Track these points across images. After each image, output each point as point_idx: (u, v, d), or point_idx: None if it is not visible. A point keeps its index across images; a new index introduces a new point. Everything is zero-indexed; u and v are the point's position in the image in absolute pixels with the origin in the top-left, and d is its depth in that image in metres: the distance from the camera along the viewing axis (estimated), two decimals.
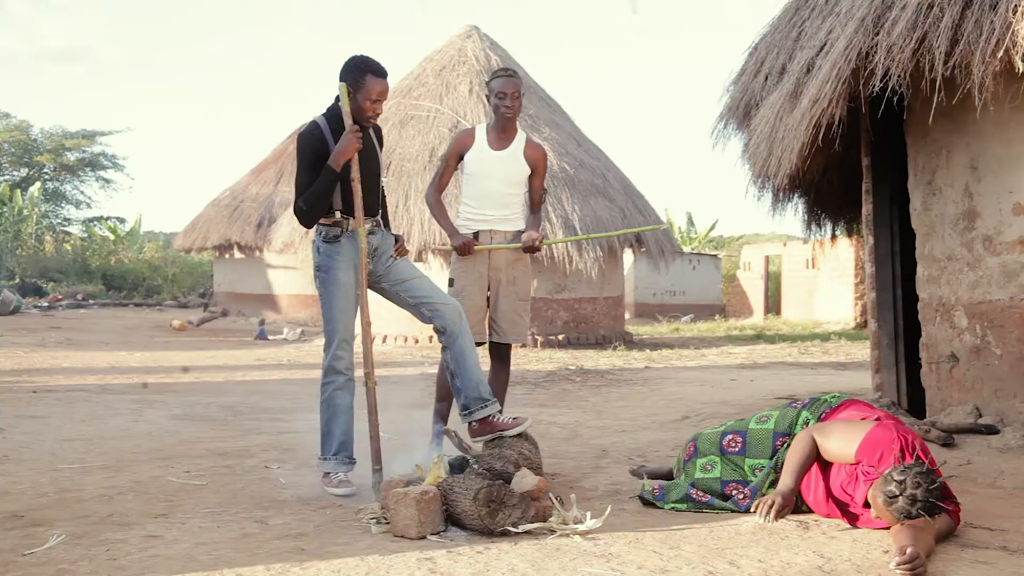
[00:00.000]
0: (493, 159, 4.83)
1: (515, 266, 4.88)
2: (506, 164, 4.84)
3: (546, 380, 9.52)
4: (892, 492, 3.16)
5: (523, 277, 4.94)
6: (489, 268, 4.83)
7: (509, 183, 4.86)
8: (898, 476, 3.18)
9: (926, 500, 3.13)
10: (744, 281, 26.14)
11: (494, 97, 4.82)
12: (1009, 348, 4.88)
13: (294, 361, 11.95)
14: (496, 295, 4.85)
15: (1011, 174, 4.85)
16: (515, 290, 4.89)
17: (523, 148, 4.87)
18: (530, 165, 4.87)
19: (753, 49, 6.77)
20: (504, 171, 4.83)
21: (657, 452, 5.25)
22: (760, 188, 6.89)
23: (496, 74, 4.89)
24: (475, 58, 15.26)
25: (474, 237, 4.83)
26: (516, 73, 4.94)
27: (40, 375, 9.55)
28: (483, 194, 4.84)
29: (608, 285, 15.11)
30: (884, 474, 3.25)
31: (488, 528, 3.35)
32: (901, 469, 3.21)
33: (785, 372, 10.55)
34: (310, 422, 6.28)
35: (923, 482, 3.14)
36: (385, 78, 4.25)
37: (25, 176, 32.89)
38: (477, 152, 4.86)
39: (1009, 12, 4.12)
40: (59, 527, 3.47)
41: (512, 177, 4.86)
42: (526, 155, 4.86)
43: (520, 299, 4.91)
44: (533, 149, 4.92)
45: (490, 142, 4.86)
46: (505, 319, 4.84)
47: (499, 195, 4.84)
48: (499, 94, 4.79)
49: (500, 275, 4.84)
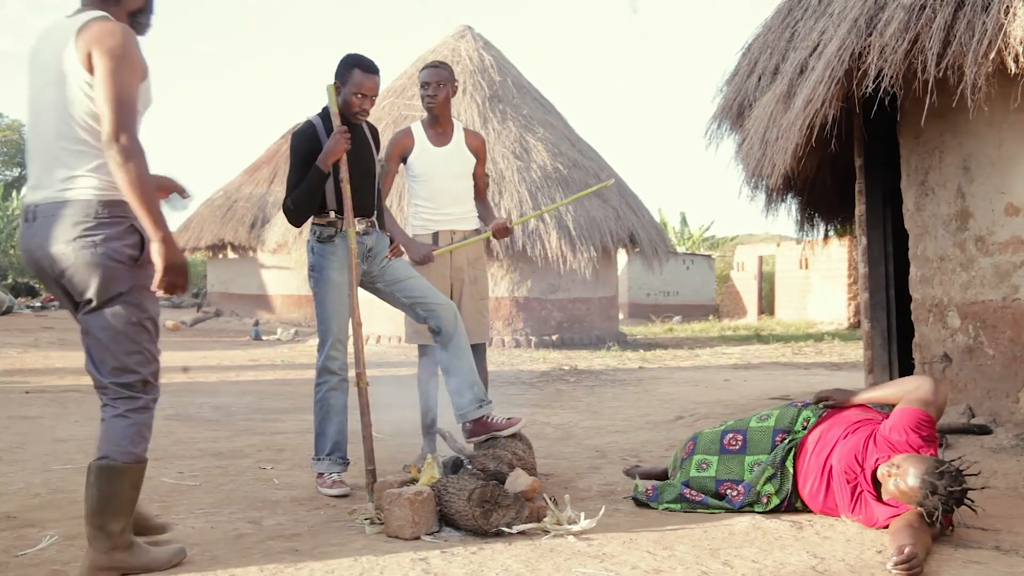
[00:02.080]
0: (439, 156, 4.80)
1: (475, 265, 4.88)
2: (453, 159, 4.82)
3: (540, 380, 9.53)
4: (933, 485, 3.18)
5: (482, 276, 4.93)
6: (451, 269, 4.81)
7: (460, 176, 4.86)
8: (941, 470, 3.21)
9: (960, 500, 3.21)
10: (738, 281, 26.20)
11: (420, 89, 4.82)
12: (1002, 348, 4.89)
13: (288, 361, 11.94)
14: (460, 296, 4.82)
15: (1003, 175, 4.86)
16: (476, 289, 4.88)
17: (464, 139, 4.87)
18: (473, 154, 4.88)
19: (746, 49, 6.78)
20: (452, 166, 4.82)
21: (651, 452, 5.25)
22: (753, 188, 6.90)
23: (423, 67, 4.89)
24: (468, 58, 15.26)
25: (434, 238, 4.81)
26: (444, 64, 4.87)
27: (33, 375, 9.54)
28: (436, 193, 4.81)
29: (602, 285, 15.13)
30: (928, 463, 3.25)
31: (482, 529, 3.35)
32: (945, 465, 3.24)
33: (779, 372, 10.57)
34: (304, 423, 6.28)
35: (961, 483, 3.20)
36: (373, 74, 4.25)
37: (18, 176, 32.82)
38: (421, 152, 4.82)
39: (1001, 13, 4.13)
40: (52, 528, 3.46)
41: (461, 170, 4.86)
42: (468, 145, 4.87)
43: (481, 298, 4.91)
44: (473, 138, 4.93)
45: (431, 139, 4.83)
46: (469, 319, 4.77)
47: (453, 191, 4.83)
48: (422, 84, 4.79)
49: (462, 275, 4.83)
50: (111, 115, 2.71)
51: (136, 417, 2.89)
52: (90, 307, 2.85)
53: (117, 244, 2.80)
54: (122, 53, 2.76)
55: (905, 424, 3.50)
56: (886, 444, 3.49)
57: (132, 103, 2.77)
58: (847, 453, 3.55)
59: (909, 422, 3.50)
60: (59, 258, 2.81)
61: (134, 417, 2.89)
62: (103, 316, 2.84)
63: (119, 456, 2.85)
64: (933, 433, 3.54)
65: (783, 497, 3.69)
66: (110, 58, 2.74)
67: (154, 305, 2.94)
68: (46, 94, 2.87)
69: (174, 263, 2.77)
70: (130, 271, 2.82)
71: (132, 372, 2.88)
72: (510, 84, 15.46)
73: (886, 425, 3.56)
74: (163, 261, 2.75)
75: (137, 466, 2.90)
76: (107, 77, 2.73)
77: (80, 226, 2.79)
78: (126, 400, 2.88)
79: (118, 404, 2.88)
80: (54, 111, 2.85)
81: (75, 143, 2.82)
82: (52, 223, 2.81)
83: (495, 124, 14.48)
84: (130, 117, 2.74)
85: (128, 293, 2.84)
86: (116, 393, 2.88)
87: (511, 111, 14.98)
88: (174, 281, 2.79)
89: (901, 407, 3.57)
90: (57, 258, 2.81)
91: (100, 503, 2.85)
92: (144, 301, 2.88)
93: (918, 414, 3.51)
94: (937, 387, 3.57)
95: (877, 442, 3.51)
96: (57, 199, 2.82)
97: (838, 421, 3.75)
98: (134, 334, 2.87)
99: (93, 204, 2.80)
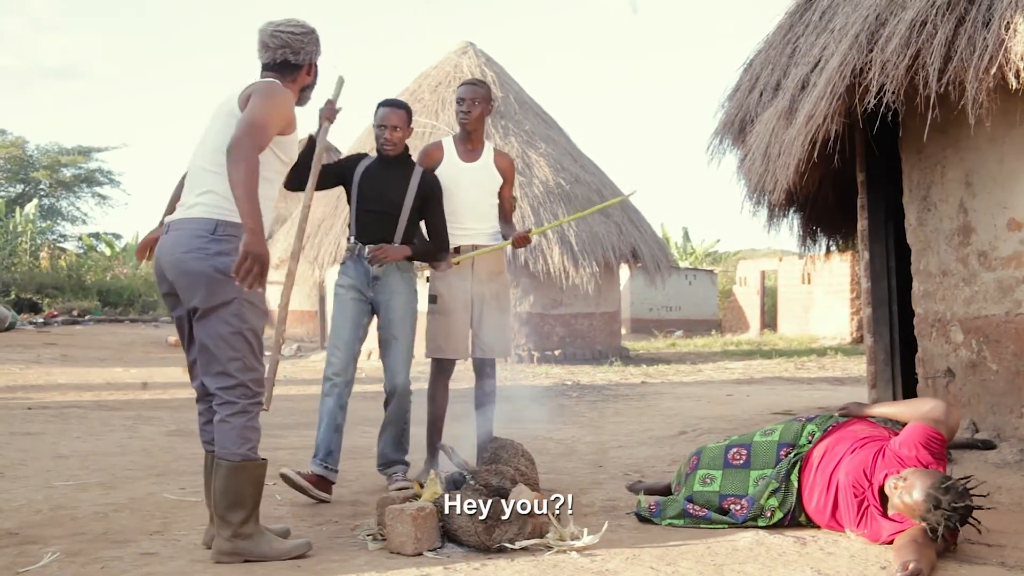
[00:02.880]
0: (465, 172, 4.83)
1: (496, 280, 4.87)
2: (479, 176, 4.84)
3: (542, 395, 9.52)
4: (937, 500, 3.17)
5: (504, 291, 4.93)
6: (472, 283, 4.81)
7: (483, 194, 4.87)
8: (947, 485, 3.20)
9: (964, 517, 3.19)
10: (740, 296, 26.19)
11: (456, 105, 4.88)
12: (1005, 363, 4.88)
13: (290, 377, 11.94)
14: (480, 310, 4.82)
15: (1005, 190, 4.87)
16: (498, 304, 4.87)
17: (493, 158, 4.90)
18: (501, 174, 4.90)
19: (748, 65, 6.80)
20: (477, 183, 4.83)
21: (654, 468, 5.24)
22: (756, 203, 6.89)
23: (461, 83, 4.98)
24: (471, 74, 15.31)
25: (455, 252, 4.82)
26: (481, 82, 4.97)
27: (35, 391, 9.54)
28: (460, 208, 4.81)
29: (604, 300, 15.13)
30: (935, 477, 3.24)
31: (485, 544, 3.34)
32: (952, 481, 3.23)
33: (781, 387, 10.56)
34: (306, 438, 6.27)
35: (965, 500, 3.19)
36: (390, 107, 4.69)
37: (21, 192, 32.93)
38: (448, 166, 4.84)
39: (1002, 29, 4.15)
40: (54, 544, 3.45)
41: (485, 188, 4.87)
42: (496, 165, 4.89)
43: (502, 312, 4.89)
44: (501, 158, 4.96)
45: (460, 154, 4.86)
46: (490, 334, 4.79)
47: (476, 207, 4.84)
48: (458, 100, 4.86)
49: (483, 289, 4.81)
50: (240, 127, 3.12)
51: (235, 421, 3.24)
52: (198, 315, 3.24)
53: (227, 259, 3.16)
54: (273, 98, 3.27)
55: (916, 440, 3.50)
56: (895, 459, 3.48)
57: (265, 128, 3.18)
58: (855, 467, 3.54)
59: (920, 438, 3.50)
60: (176, 265, 3.22)
61: (234, 421, 3.24)
62: (209, 323, 3.22)
63: (229, 456, 3.23)
64: (943, 451, 3.54)
65: (787, 511, 3.68)
66: (261, 96, 3.25)
67: (257, 319, 3.30)
68: (211, 134, 3.35)
69: (254, 251, 3.02)
70: (235, 284, 3.10)
71: (231, 377, 3.24)
72: (512, 100, 15.52)
73: (896, 440, 3.55)
74: (244, 247, 3.02)
75: (249, 464, 3.25)
76: (250, 106, 3.20)
77: (199, 239, 3.20)
78: (226, 405, 3.24)
79: (221, 409, 3.25)
80: (203, 143, 3.37)
81: (213, 166, 3.26)
82: (179, 236, 3.24)
83: (497, 140, 14.52)
84: (257, 134, 3.13)
85: (232, 304, 3.21)
86: (219, 399, 3.25)
87: (513, 127, 15.03)
88: (251, 268, 3.03)
89: (913, 424, 3.58)
90: (175, 265, 3.22)
91: (220, 496, 3.24)
92: (247, 313, 3.25)
93: (929, 431, 3.51)
94: (950, 410, 3.60)
95: (886, 457, 3.51)
96: (187, 216, 3.26)
97: (844, 436, 3.73)
98: (235, 342, 3.23)
99: (213, 222, 3.22)
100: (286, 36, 3.46)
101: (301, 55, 3.49)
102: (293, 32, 3.47)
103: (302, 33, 3.49)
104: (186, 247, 3.20)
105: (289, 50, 3.46)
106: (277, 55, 3.46)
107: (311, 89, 3.63)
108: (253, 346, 3.28)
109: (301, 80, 3.54)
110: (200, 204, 3.26)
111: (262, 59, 3.51)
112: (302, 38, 3.48)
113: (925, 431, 3.51)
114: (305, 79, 3.56)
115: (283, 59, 3.46)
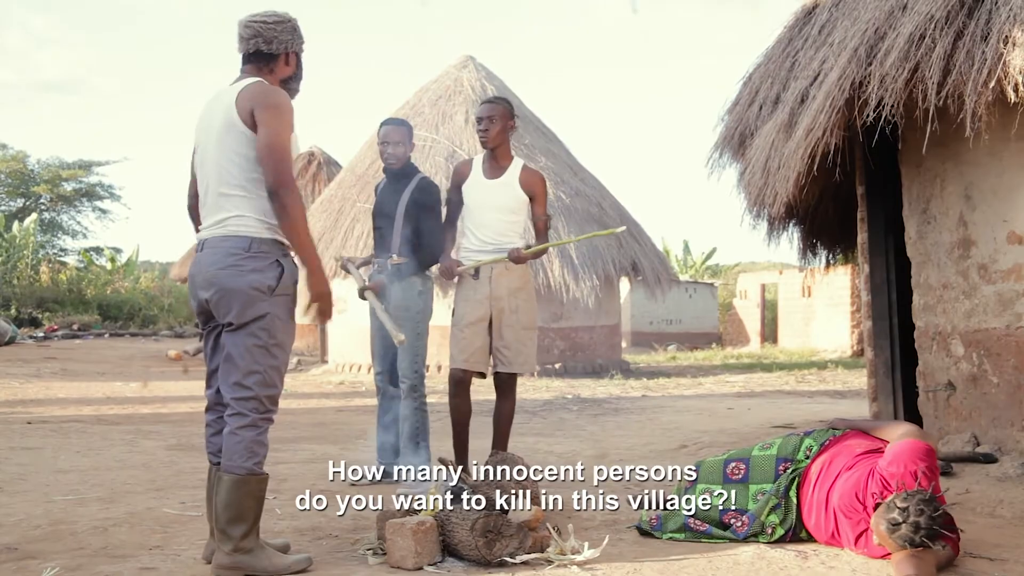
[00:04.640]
0: (487, 188, 4.83)
1: (517, 295, 4.82)
2: (499, 192, 4.81)
3: (543, 409, 9.50)
4: (895, 519, 3.13)
5: (526, 306, 4.87)
6: (491, 298, 4.80)
7: (504, 211, 4.82)
8: (901, 503, 3.15)
9: (929, 528, 3.09)
10: (741, 309, 26.16)
11: (476, 124, 4.91)
12: (1006, 376, 4.88)
13: (289, 391, 11.91)
14: (499, 323, 4.81)
15: (1005, 203, 4.87)
16: (518, 319, 4.82)
17: (518, 175, 4.85)
18: (527, 192, 4.82)
19: (747, 79, 6.82)
20: (497, 199, 4.81)
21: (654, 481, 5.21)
22: (755, 216, 6.90)
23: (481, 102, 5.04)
24: (471, 88, 15.36)
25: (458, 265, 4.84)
26: (500, 99, 5.00)
27: (35, 406, 9.52)
28: (479, 224, 4.83)
29: (605, 314, 15.12)
30: (887, 501, 3.22)
31: (485, 559, 3.33)
32: (904, 496, 3.17)
33: (782, 400, 10.54)
34: (306, 452, 6.27)
35: (926, 509, 3.11)
36: (389, 124, 5.11)
37: (22, 207, 32.91)
38: (473, 182, 4.87)
39: (1000, 43, 4.16)
40: (53, 560, 3.44)
41: (507, 205, 4.82)
42: (521, 181, 4.83)
43: (524, 327, 4.83)
44: (529, 175, 4.88)
45: (485, 171, 4.88)
46: (509, 347, 4.77)
47: (495, 224, 4.82)
48: (477, 119, 4.87)
49: (502, 304, 4.79)
50: (272, 165, 3.22)
51: (244, 434, 3.25)
52: (230, 328, 3.29)
53: (260, 276, 3.27)
54: (281, 116, 3.29)
55: (902, 455, 3.43)
56: (880, 481, 3.41)
57: (288, 152, 3.27)
58: (848, 491, 3.49)
59: (905, 452, 3.45)
60: (212, 281, 3.28)
61: (242, 434, 3.25)
62: (239, 335, 3.28)
63: (234, 469, 3.24)
64: (934, 464, 3.47)
65: (788, 527, 3.66)
66: (270, 114, 3.27)
67: (285, 336, 3.37)
68: (210, 149, 3.37)
69: (321, 292, 3.32)
70: (267, 300, 3.27)
71: (248, 389, 3.26)
72: None
73: (882, 461, 3.49)
74: (312, 289, 3.25)
75: (252, 478, 3.26)
76: (266, 129, 3.25)
77: (234, 256, 3.27)
78: (237, 417, 3.26)
79: (232, 421, 3.27)
80: (215, 163, 3.35)
81: (236, 188, 3.30)
82: (213, 253, 3.31)
83: None
84: (286, 165, 3.24)
85: (263, 319, 3.28)
86: (232, 409, 3.27)
87: (513, 140, 15.02)
88: (322, 308, 3.36)
89: (894, 443, 3.53)
90: (211, 281, 3.29)
91: (222, 509, 3.24)
92: (275, 329, 3.31)
93: (914, 443, 3.46)
94: (924, 432, 3.63)
95: (875, 478, 3.46)
96: (221, 234, 3.32)
97: (841, 451, 3.70)
98: (259, 355, 3.28)
99: (247, 240, 3.29)
100: (258, 26, 3.41)
101: (274, 44, 3.42)
102: (266, 21, 3.42)
103: (275, 22, 3.43)
104: (222, 264, 3.28)
105: (261, 39, 3.40)
106: (250, 45, 3.42)
107: (295, 82, 3.56)
108: (277, 361, 3.33)
109: (280, 71, 3.47)
110: (231, 224, 3.32)
111: (239, 51, 3.47)
112: (275, 27, 3.42)
113: (911, 444, 3.46)
114: (284, 70, 3.48)
115: (255, 49, 3.41)
